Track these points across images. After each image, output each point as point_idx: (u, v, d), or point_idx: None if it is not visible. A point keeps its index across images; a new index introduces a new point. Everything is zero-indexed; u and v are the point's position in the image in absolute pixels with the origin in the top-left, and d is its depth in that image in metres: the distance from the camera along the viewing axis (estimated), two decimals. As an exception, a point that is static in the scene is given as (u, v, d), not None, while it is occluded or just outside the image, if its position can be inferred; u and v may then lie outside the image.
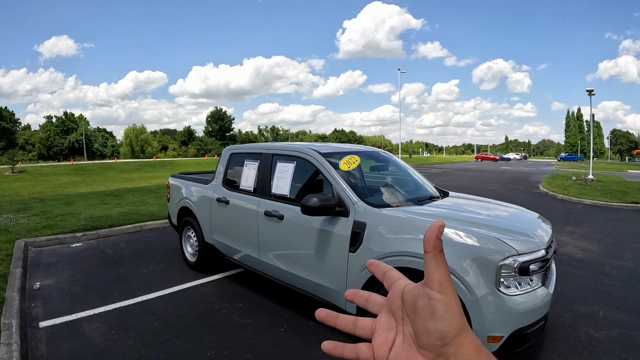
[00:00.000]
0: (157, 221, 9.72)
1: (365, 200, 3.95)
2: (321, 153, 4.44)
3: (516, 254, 3.10)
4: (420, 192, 4.90)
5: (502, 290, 3.06)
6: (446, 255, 2.37)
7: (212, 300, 5.15)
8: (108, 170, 33.18)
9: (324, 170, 4.25)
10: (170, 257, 7.02)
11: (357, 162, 4.40)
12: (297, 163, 4.62)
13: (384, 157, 5.56)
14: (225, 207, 5.40)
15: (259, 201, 4.87)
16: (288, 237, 4.50)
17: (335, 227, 3.93)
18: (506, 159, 79.44)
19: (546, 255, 3.34)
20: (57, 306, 4.92)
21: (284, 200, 4.60)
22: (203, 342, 4.07)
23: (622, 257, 7.42)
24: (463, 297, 3.07)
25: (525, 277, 3.16)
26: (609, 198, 15.44)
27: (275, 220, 4.55)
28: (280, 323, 4.52)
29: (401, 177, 5.30)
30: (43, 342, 4.04)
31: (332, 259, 3.94)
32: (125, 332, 4.26)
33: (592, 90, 23.85)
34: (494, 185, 22.08)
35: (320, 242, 4.07)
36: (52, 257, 7.06)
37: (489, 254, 3.11)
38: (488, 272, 3.07)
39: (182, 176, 7.09)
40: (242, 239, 5.19)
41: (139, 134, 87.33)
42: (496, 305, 3.03)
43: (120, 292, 5.35)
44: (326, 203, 3.80)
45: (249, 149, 5.56)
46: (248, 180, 5.16)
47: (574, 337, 4.29)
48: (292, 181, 4.58)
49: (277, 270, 4.66)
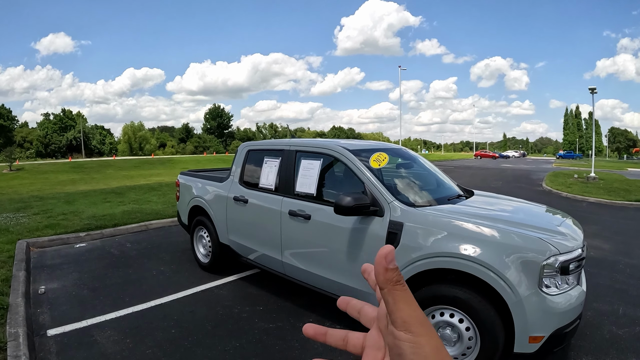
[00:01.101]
0: (162, 220, 9.51)
1: (399, 199, 3.78)
2: (350, 150, 4.25)
3: (557, 253, 3.06)
4: (449, 191, 4.74)
5: (544, 290, 3.04)
6: (489, 255, 2.13)
7: (230, 303, 4.94)
8: (107, 167, 32.91)
9: (354, 168, 4.06)
10: (180, 257, 6.80)
11: (386, 160, 4.20)
12: (323, 160, 4.43)
13: (410, 154, 5.39)
14: (243, 206, 5.19)
15: (281, 200, 4.65)
16: (316, 238, 4.31)
17: (369, 227, 3.75)
18: (505, 156, 79.68)
19: (582, 254, 3.34)
20: (65, 312, 4.66)
21: (309, 199, 4.39)
22: (227, 350, 3.86)
23: (633, 255, 7.50)
24: (507, 297, 3.01)
25: (564, 277, 3.15)
26: (612, 196, 15.52)
27: (301, 220, 4.35)
28: (305, 327, 4.31)
29: (428, 175, 5.13)
30: (53, 352, 3.78)
31: (366, 260, 3.74)
32: (142, 340, 4.02)
33: (594, 89, 23.80)
34: (497, 182, 22.10)
35: (352, 243, 3.88)
36: (56, 258, 6.82)
37: (532, 254, 3.06)
38: (531, 272, 3.02)
39: (192, 174, 6.86)
40: (262, 240, 4.98)
41: (136, 131, 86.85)
42: (538, 305, 2.99)
43: (132, 296, 5.12)
44: (361, 202, 3.63)
45: (268, 146, 5.36)
46: (268, 178, 4.94)
47: (598, 335, 4.32)
48: (319, 179, 4.38)
49: (302, 273, 4.46)
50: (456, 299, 3.22)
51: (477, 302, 3.14)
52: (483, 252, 3.13)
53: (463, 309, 3.21)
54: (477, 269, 3.11)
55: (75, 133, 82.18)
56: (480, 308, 3.12)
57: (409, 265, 3.41)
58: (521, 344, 3.04)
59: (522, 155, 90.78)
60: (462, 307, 3.21)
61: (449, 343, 3.34)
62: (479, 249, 3.15)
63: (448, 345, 3.34)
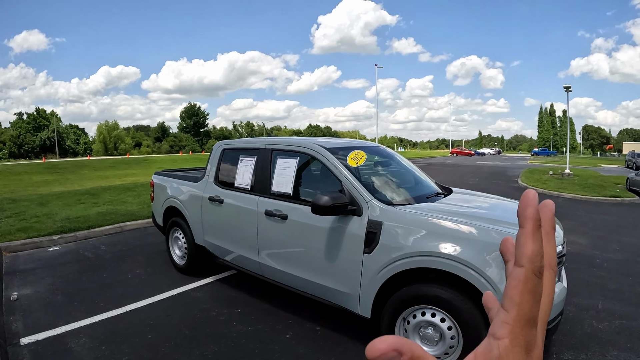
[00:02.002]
0: (138, 221, 9.33)
1: (377, 197, 3.72)
2: (327, 148, 4.17)
3: None
4: (428, 189, 4.71)
5: None
6: (469, 253, 2.07)
7: (207, 306, 4.84)
8: (81, 168, 32.29)
9: (331, 166, 3.99)
10: (156, 259, 6.66)
11: (364, 158, 4.16)
12: (300, 159, 4.35)
13: (387, 152, 5.34)
14: (218, 206, 5.08)
15: (257, 200, 4.57)
16: (293, 238, 4.23)
17: (348, 226, 3.68)
18: (481, 153, 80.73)
19: (562, 250, 3.38)
20: (39, 319, 4.51)
21: (286, 198, 4.30)
22: (205, 355, 3.76)
23: (610, 250, 7.68)
24: None
25: None
26: (588, 192, 15.82)
27: (278, 220, 4.26)
28: (284, 329, 4.25)
29: (406, 173, 5.09)
30: (27, 362, 3.63)
31: (345, 260, 3.70)
32: (117, 347, 3.90)
33: (569, 87, 24.23)
34: (473, 179, 22.32)
35: (330, 243, 3.81)
36: (29, 263, 6.62)
37: None
38: None
39: (167, 173, 6.71)
40: (238, 241, 4.89)
41: (111, 131, 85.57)
42: None
43: (107, 301, 4.97)
44: (338, 202, 3.55)
45: (244, 144, 5.24)
46: (244, 177, 4.84)
47: (580, 330, 4.38)
48: (295, 178, 4.30)
49: (279, 274, 4.39)
50: (438, 298, 3.18)
51: (459, 301, 3.10)
52: (463, 250, 3.10)
53: (445, 308, 3.17)
54: (458, 267, 3.07)
55: (49, 133, 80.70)
56: (462, 307, 3.09)
57: (389, 265, 3.36)
58: None
59: (498, 153, 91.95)
60: (444, 306, 3.17)
61: (431, 343, 3.29)
62: (459, 247, 3.12)
63: (430, 345, 3.30)
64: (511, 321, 0.38)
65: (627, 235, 8.99)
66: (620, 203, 14.34)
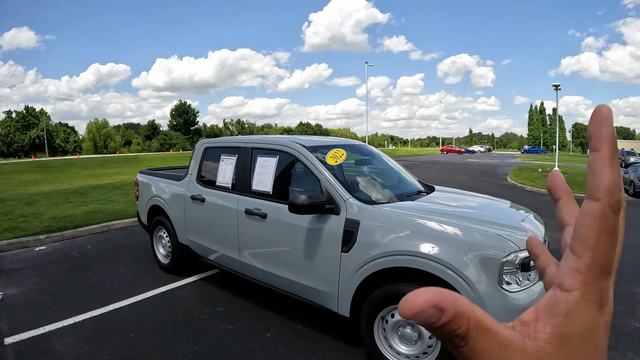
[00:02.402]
0: (124, 220, 9.31)
1: (355, 196, 3.72)
2: (306, 147, 4.17)
3: (517, 249, 3.01)
4: (409, 187, 4.72)
5: (504, 287, 2.98)
6: (446, 253, 2.10)
7: (190, 305, 4.84)
8: (71, 166, 32.04)
9: (310, 165, 3.99)
10: (141, 258, 6.65)
11: (344, 156, 4.17)
12: (279, 157, 4.34)
13: (369, 150, 5.34)
14: (200, 205, 5.09)
15: (238, 199, 4.57)
16: (272, 237, 4.24)
17: (325, 225, 3.68)
18: (471, 151, 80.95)
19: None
20: (23, 319, 4.50)
21: (266, 197, 4.31)
22: (186, 354, 3.77)
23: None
24: (466, 295, 2.89)
25: (525, 273, 3.10)
26: (576, 189, 15.81)
27: (258, 219, 4.27)
28: (265, 328, 4.27)
29: (387, 171, 5.10)
30: (11, 361, 3.64)
31: (323, 259, 3.71)
32: (100, 346, 3.90)
33: (558, 85, 24.43)
34: (462, 177, 22.42)
35: (308, 242, 3.82)
36: (15, 263, 6.59)
37: (492, 251, 3.02)
38: (491, 269, 2.97)
39: (151, 172, 6.70)
40: (220, 239, 4.89)
41: (101, 129, 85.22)
42: (499, 302, 2.95)
43: (91, 300, 4.96)
44: (316, 200, 3.55)
45: (225, 143, 5.24)
46: (225, 176, 4.84)
47: None
48: (275, 177, 4.31)
49: (260, 272, 4.39)
50: None
51: None
52: (441, 249, 3.09)
53: None
54: (436, 267, 3.06)
55: (39, 131, 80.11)
56: None
57: (367, 263, 3.36)
58: None
59: (488, 150, 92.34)
60: None
61: (410, 342, 3.31)
62: (437, 247, 3.11)
63: (409, 344, 3.32)
64: (584, 269, 0.32)
65: None
66: None
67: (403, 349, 3.36)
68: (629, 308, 4.85)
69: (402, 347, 3.37)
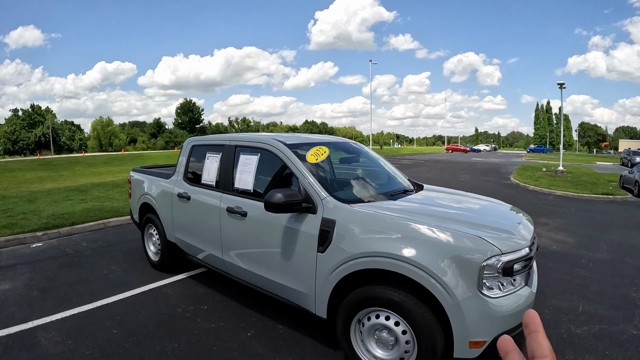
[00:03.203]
0: (121, 218, 9.38)
1: (334, 195, 3.66)
2: (286, 144, 4.13)
3: (499, 253, 2.87)
4: (394, 186, 4.67)
5: (484, 293, 2.83)
6: (423, 256, 2.15)
7: (175, 303, 4.85)
8: (75, 164, 32.18)
9: (289, 162, 3.95)
10: (133, 256, 6.69)
11: (325, 154, 4.13)
12: (261, 155, 4.30)
13: (355, 148, 5.29)
14: (186, 203, 5.08)
15: (221, 197, 4.55)
16: (252, 236, 4.20)
17: (302, 225, 3.63)
18: (476, 150, 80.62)
19: (529, 253, 3.14)
20: (13, 313, 4.56)
21: (247, 195, 4.28)
22: (165, 351, 3.77)
23: (597, 249, 7.50)
24: (443, 300, 2.83)
25: (508, 278, 2.95)
26: (579, 189, 15.80)
27: (238, 218, 4.24)
28: (246, 327, 4.25)
29: (373, 169, 5.05)
30: (-3, 355, 3.70)
31: (300, 259, 3.66)
32: (83, 342, 3.93)
33: (563, 84, 24.28)
34: (465, 176, 22.33)
35: (286, 242, 3.77)
36: (11, 259, 6.66)
37: (471, 254, 2.86)
38: (469, 273, 2.83)
39: (144, 170, 6.72)
40: (204, 238, 4.88)
41: (105, 127, 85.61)
42: (478, 309, 2.80)
43: (79, 296, 5.01)
44: (292, 199, 3.49)
45: (210, 141, 5.23)
46: (210, 174, 4.83)
47: (555, 334, 4.19)
48: (256, 175, 4.27)
49: (241, 271, 4.38)
50: (390, 301, 3.05)
51: (412, 304, 2.96)
52: (417, 251, 2.97)
53: (398, 312, 3.05)
54: (411, 269, 2.95)
55: (44, 129, 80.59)
56: (415, 311, 2.95)
57: (342, 264, 3.29)
58: (461, 349, 2.85)
59: (494, 149, 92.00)
60: (397, 309, 3.05)
61: (386, 347, 3.21)
62: (412, 249, 2.99)
63: (385, 348, 3.23)
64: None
65: (616, 234, 8.81)
66: (612, 201, 14.29)
67: (380, 353, 3.27)
68: (626, 314, 4.69)
69: (379, 350, 3.28)
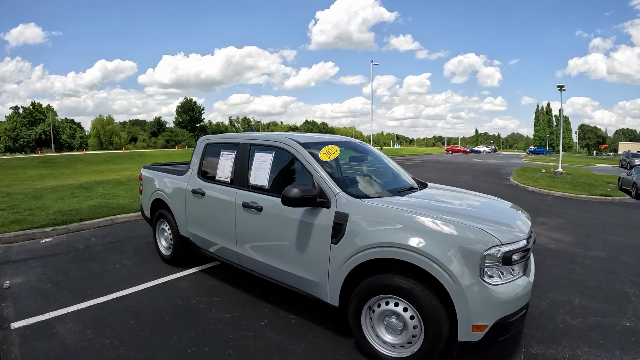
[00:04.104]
0: (128, 214, 9.53)
1: (346, 191, 3.89)
2: (301, 143, 4.35)
3: (499, 244, 3.15)
4: (400, 183, 4.87)
5: (486, 280, 3.11)
6: (430, 246, 2.47)
7: (189, 295, 5.02)
8: (76, 162, 32.31)
9: (304, 160, 4.16)
10: (144, 251, 6.86)
11: (337, 153, 4.33)
12: (275, 153, 4.51)
13: (363, 147, 5.50)
14: (200, 198, 5.27)
15: (236, 192, 4.74)
16: (267, 229, 4.41)
17: (317, 218, 3.85)
18: (476, 151, 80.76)
19: (527, 245, 3.42)
20: (29, 306, 4.70)
21: (262, 191, 4.48)
22: (182, 339, 3.95)
23: (593, 248, 7.72)
24: (448, 287, 3.10)
25: (508, 267, 3.23)
26: (578, 190, 15.96)
27: (254, 212, 4.44)
28: (260, 317, 4.44)
29: (380, 168, 5.25)
30: (16, 344, 3.84)
31: (314, 250, 3.88)
32: (101, 331, 4.10)
33: (562, 86, 24.45)
34: (465, 177, 22.48)
35: (300, 234, 3.98)
36: (22, 253, 6.80)
37: (473, 245, 3.14)
38: (472, 262, 3.10)
39: (155, 167, 6.89)
40: (218, 232, 5.06)
41: (106, 125, 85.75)
42: (480, 294, 3.07)
43: (94, 289, 5.16)
44: (307, 194, 3.72)
45: (225, 139, 5.43)
46: (224, 171, 5.02)
47: (552, 325, 4.42)
48: (271, 172, 4.48)
49: (255, 263, 4.57)
50: (400, 288, 3.30)
51: (419, 291, 3.21)
52: (425, 242, 3.22)
53: (406, 298, 3.29)
54: (419, 258, 3.19)
55: (45, 127, 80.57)
56: (422, 297, 3.19)
57: (354, 255, 3.52)
58: (465, 332, 3.12)
59: (494, 151, 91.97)
60: (406, 296, 3.29)
61: (395, 332, 3.45)
62: (420, 239, 3.24)
63: (394, 333, 3.46)
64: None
65: (612, 233, 9.06)
66: (610, 202, 14.50)
67: (389, 338, 3.51)
68: (620, 307, 4.93)
69: (388, 336, 3.51)
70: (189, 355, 3.68)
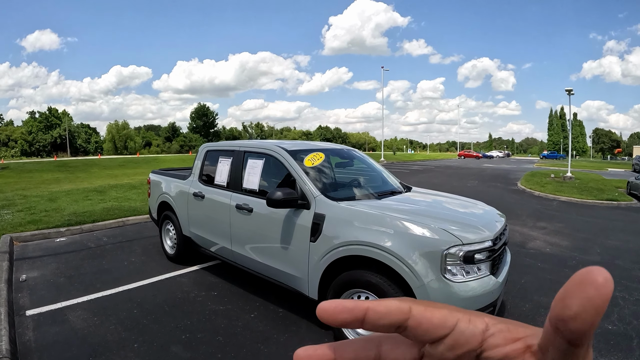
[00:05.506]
0: (139, 216, 10.01)
1: (325, 194, 4.26)
2: (287, 150, 4.76)
3: (460, 243, 3.39)
4: (383, 187, 5.24)
5: (447, 277, 3.35)
6: (397, 245, 3.35)
7: (188, 289, 5.45)
8: (91, 166, 33.01)
9: (289, 166, 4.56)
10: (151, 250, 7.32)
11: (321, 159, 4.74)
12: (265, 160, 4.95)
13: (350, 154, 5.90)
14: (201, 201, 5.70)
15: (231, 195, 5.17)
16: (257, 229, 4.82)
17: (298, 218, 4.24)
18: (489, 156, 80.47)
19: (493, 246, 3.63)
20: (43, 296, 5.18)
21: (253, 194, 4.91)
22: (178, 327, 4.37)
23: (589, 252, 7.78)
24: (411, 282, 3.38)
25: (471, 266, 3.44)
26: (584, 195, 15.82)
27: (246, 213, 4.86)
28: (251, 310, 4.84)
29: (366, 173, 5.68)
30: (30, 328, 4.31)
31: (296, 248, 4.27)
32: (107, 319, 4.55)
33: (571, 90, 24.51)
34: (473, 182, 22.50)
35: (285, 233, 4.38)
36: (37, 251, 7.32)
37: (435, 244, 3.40)
38: (434, 260, 3.37)
39: (162, 172, 7.36)
40: (216, 232, 5.49)
41: (120, 130, 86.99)
42: (442, 290, 3.33)
43: (102, 283, 5.62)
44: (289, 196, 4.13)
45: (222, 147, 5.87)
46: (222, 175, 5.46)
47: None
48: (261, 176, 4.91)
49: (247, 260, 4.98)
50: (369, 283, 3.63)
51: (386, 285, 3.52)
52: (390, 241, 3.53)
53: (374, 292, 3.62)
54: (384, 255, 3.51)
55: (61, 131, 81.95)
56: (389, 291, 3.50)
57: (329, 252, 3.88)
58: None
59: (507, 156, 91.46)
60: (374, 290, 3.62)
61: None
62: (387, 239, 3.55)
63: None
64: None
65: (612, 238, 9.02)
66: (616, 207, 14.27)
67: (363, 332, 3.86)
68: (606, 311, 4.99)
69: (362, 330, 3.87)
70: (183, 339, 4.10)
